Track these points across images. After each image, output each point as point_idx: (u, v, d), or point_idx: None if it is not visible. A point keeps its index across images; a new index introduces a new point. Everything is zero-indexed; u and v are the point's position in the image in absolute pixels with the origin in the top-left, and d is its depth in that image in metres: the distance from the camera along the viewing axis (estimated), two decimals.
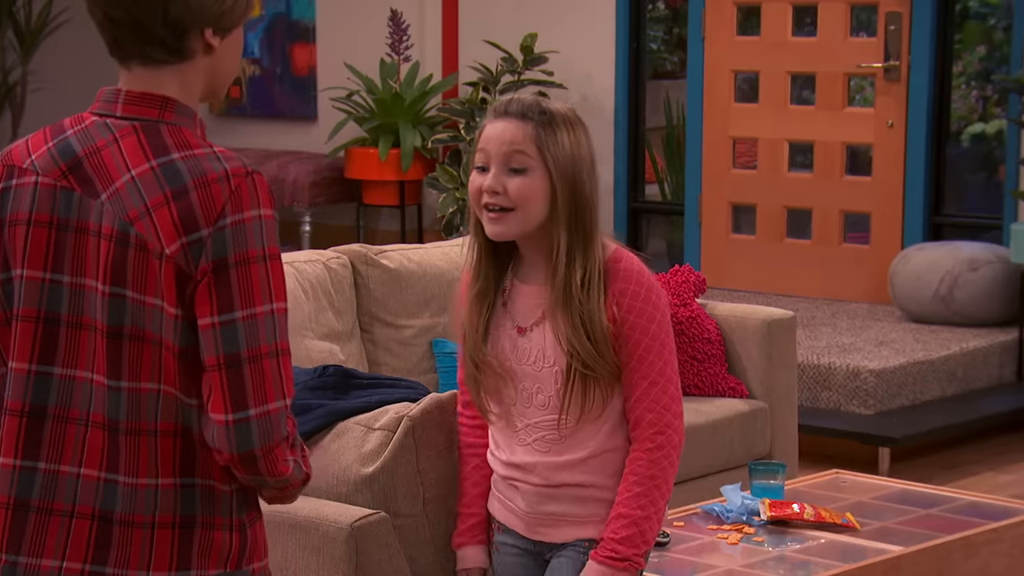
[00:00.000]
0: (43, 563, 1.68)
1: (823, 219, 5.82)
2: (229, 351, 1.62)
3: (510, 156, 2.14)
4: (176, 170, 1.64)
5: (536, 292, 2.19)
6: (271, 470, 1.65)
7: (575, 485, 2.22)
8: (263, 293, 1.63)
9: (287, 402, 1.65)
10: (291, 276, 3.38)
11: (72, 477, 1.68)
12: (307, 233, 6.61)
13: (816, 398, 4.79)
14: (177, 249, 1.62)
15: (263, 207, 1.64)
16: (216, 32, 1.70)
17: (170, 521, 1.66)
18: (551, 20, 6.23)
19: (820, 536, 2.86)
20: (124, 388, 1.65)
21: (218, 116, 7.16)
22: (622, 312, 2.15)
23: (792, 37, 5.86)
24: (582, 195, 2.16)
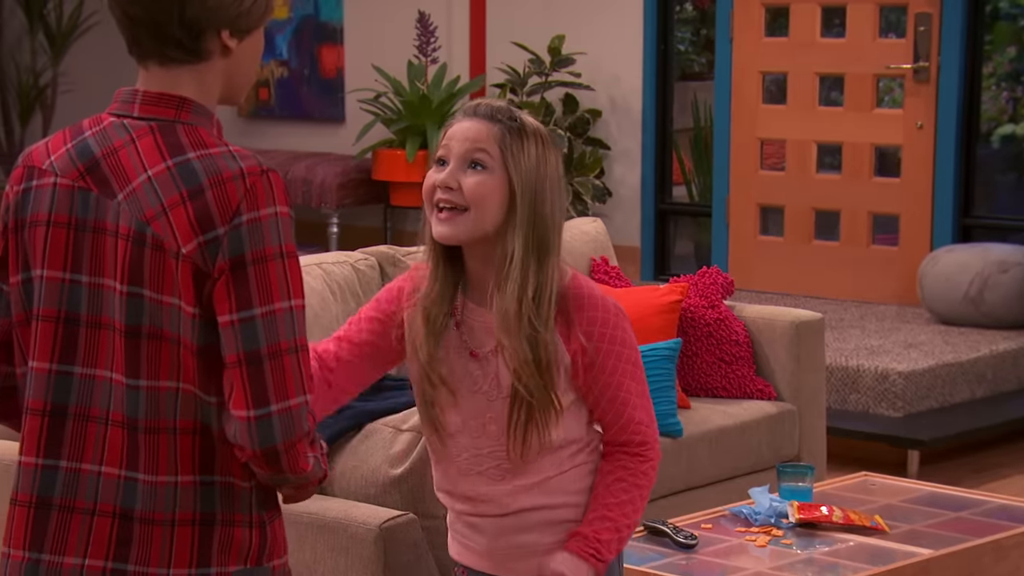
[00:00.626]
0: (65, 560, 1.69)
1: (851, 221, 5.80)
2: (249, 348, 1.62)
3: (471, 152, 2.01)
4: (192, 169, 1.65)
5: (489, 316, 2.04)
6: (292, 466, 1.65)
7: (537, 508, 2.08)
8: (281, 290, 1.64)
9: (307, 397, 1.65)
10: (319, 277, 3.39)
11: (93, 475, 1.69)
12: (334, 234, 6.62)
13: (844, 400, 4.77)
14: (194, 248, 1.63)
15: (279, 204, 1.65)
16: (234, 34, 1.70)
17: (190, 518, 1.67)
18: (579, 22, 6.23)
19: (849, 539, 2.85)
20: (143, 387, 1.67)
21: (247, 118, 7.18)
22: (594, 342, 2.03)
23: (820, 38, 5.84)
24: (542, 208, 2.02)
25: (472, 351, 2.05)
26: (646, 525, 2.86)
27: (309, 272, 3.40)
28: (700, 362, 3.77)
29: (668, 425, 3.53)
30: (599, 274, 3.94)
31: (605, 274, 3.94)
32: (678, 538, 2.79)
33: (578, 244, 3.95)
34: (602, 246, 4.01)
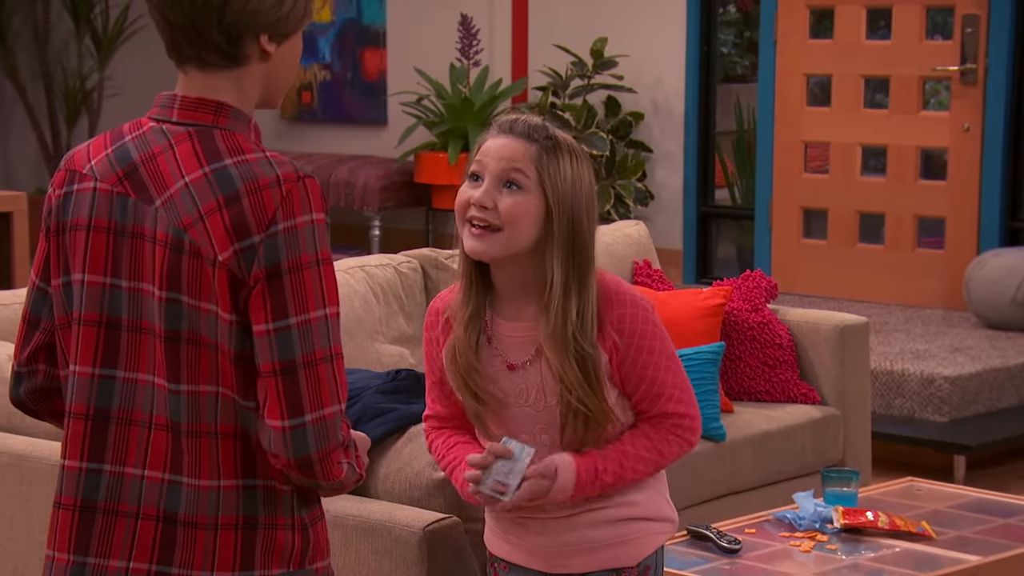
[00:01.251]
0: (110, 564, 1.70)
1: (896, 224, 5.75)
2: (284, 357, 1.62)
3: (507, 172, 2.01)
4: (228, 176, 1.65)
5: (523, 329, 2.06)
6: (326, 474, 1.66)
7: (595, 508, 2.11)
8: (317, 298, 1.63)
9: (342, 406, 1.65)
10: (362, 280, 3.39)
11: (137, 479, 1.70)
12: (376, 237, 6.64)
13: (889, 405, 4.73)
14: (230, 256, 1.63)
15: (315, 211, 1.64)
16: (272, 38, 1.70)
17: (233, 522, 1.68)
18: (621, 24, 6.21)
19: (895, 545, 2.82)
20: (184, 391, 1.67)
21: (289, 121, 7.22)
22: (625, 338, 2.04)
23: (866, 40, 5.80)
24: (580, 227, 2.02)
25: (509, 364, 2.07)
26: (689, 529, 2.85)
27: (352, 275, 3.41)
28: (743, 366, 3.75)
29: (711, 429, 3.51)
30: (641, 277, 3.93)
31: (648, 277, 3.93)
32: (722, 543, 2.77)
33: (620, 247, 3.94)
34: (644, 249, 4.00)
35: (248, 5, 1.67)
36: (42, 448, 2.70)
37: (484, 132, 2.07)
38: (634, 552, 2.14)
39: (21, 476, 2.72)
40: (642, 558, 2.15)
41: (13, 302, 3.07)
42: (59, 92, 7.01)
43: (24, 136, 7.07)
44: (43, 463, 2.67)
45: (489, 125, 2.08)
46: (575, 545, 2.12)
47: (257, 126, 1.73)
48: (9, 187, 6.77)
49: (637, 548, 2.14)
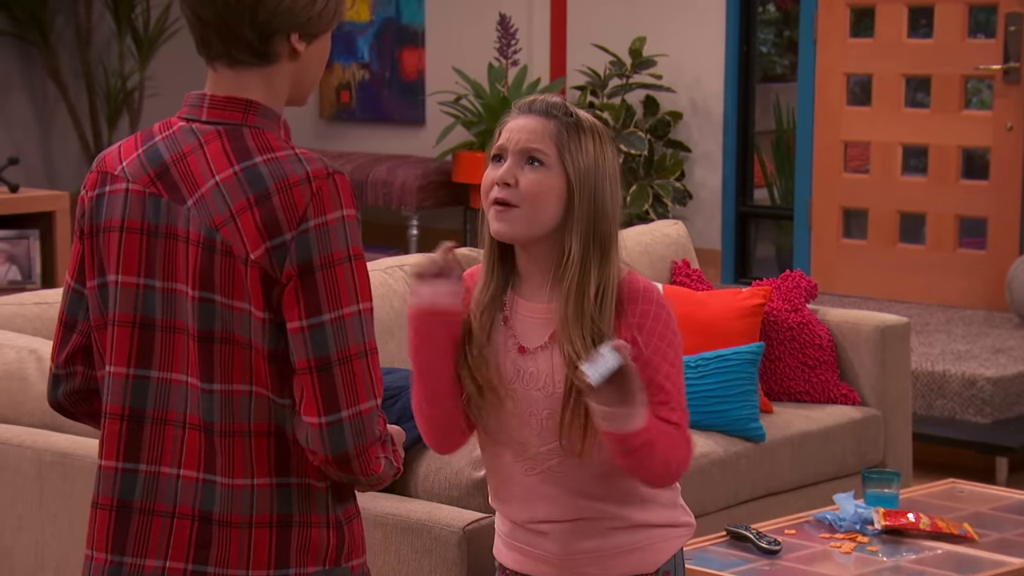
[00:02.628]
0: (147, 563, 1.71)
1: (938, 224, 5.71)
2: (319, 354, 1.62)
3: (527, 150, 2.00)
4: (259, 174, 1.65)
5: (541, 311, 2.03)
6: (364, 469, 1.65)
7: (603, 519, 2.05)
8: (350, 294, 1.63)
9: (378, 401, 1.65)
10: (401, 279, 3.40)
11: (172, 478, 1.70)
12: (414, 236, 6.66)
13: (930, 406, 4.70)
14: (262, 254, 1.63)
15: (345, 207, 1.64)
16: (303, 37, 1.70)
17: (267, 520, 1.68)
18: (660, 23, 6.20)
19: (936, 547, 2.80)
20: (217, 391, 1.67)
21: (328, 120, 7.24)
22: (643, 335, 2.01)
23: (907, 39, 5.76)
24: (602, 204, 2.00)
25: (520, 346, 2.04)
26: (728, 530, 2.84)
27: (391, 274, 3.42)
28: (783, 366, 3.73)
29: (750, 430, 3.50)
30: (680, 277, 3.92)
31: (687, 277, 3.92)
32: (761, 543, 2.76)
33: (659, 247, 3.93)
34: (683, 249, 3.99)
35: (281, 4, 1.67)
36: (85, 446, 2.72)
37: (504, 115, 2.07)
38: (651, 558, 2.09)
39: (64, 474, 2.74)
40: (660, 564, 2.10)
41: (56, 301, 3.10)
42: (100, 92, 7.07)
43: (66, 136, 7.13)
44: (86, 461, 2.70)
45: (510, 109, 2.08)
46: (590, 553, 2.07)
47: (287, 123, 1.73)
48: (51, 187, 6.83)
49: (655, 554, 2.10)
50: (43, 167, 7.13)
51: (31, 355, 2.84)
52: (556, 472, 2.04)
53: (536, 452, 2.04)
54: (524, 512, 2.08)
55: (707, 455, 3.36)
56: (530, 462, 2.05)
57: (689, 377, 3.49)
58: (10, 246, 4.86)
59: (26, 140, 7.04)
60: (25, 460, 2.78)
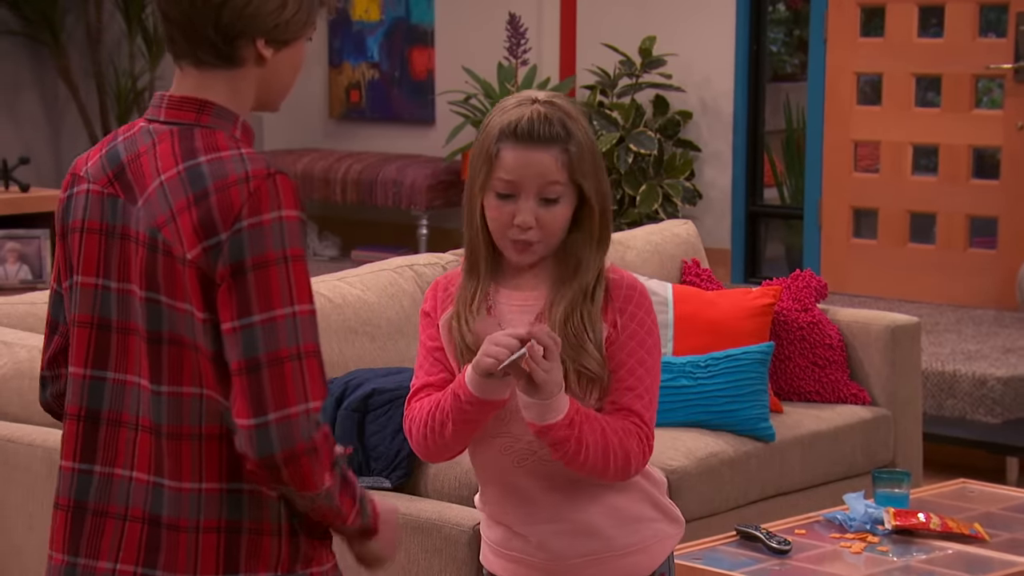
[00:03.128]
0: (99, 565, 1.70)
1: (948, 223, 5.70)
2: (248, 355, 1.60)
3: (543, 188, 1.99)
4: (200, 173, 1.64)
5: (524, 298, 2.03)
6: (296, 479, 1.61)
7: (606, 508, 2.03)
8: (283, 296, 1.61)
9: (310, 406, 1.61)
10: (411, 279, 3.40)
11: (125, 480, 1.69)
12: (424, 236, 6.66)
13: (941, 406, 4.69)
14: (198, 254, 1.62)
15: (284, 208, 1.62)
16: (269, 43, 1.68)
17: (215, 525, 1.66)
18: (670, 23, 6.19)
19: (947, 547, 2.79)
20: (165, 392, 1.66)
21: (337, 120, 7.25)
22: (623, 319, 2.01)
23: (917, 38, 5.75)
24: (607, 203, 2.03)
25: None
26: (738, 530, 2.83)
27: (400, 274, 3.42)
28: (793, 366, 3.73)
29: (760, 429, 3.50)
30: (690, 276, 3.92)
31: (696, 276, 3.91)
32: (771, 543, 2.76)
33: (669, 246, 3.93)
34: (693, 248, 3.99)
35: (247, 8, 1.66)
36: None
37: (497, 138, 1.99)
38: (647, 562, 2.07)
39: None
40: (656, 567, 2.08)
41: None
42: (111, 92, 7.08)
43: (76, 136, 7.14)
44: None
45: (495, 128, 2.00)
46: (585, 557, 2.05)
47: (247, 125, 1.70)
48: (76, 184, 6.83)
49: (650, 558, 2.07)
50: (54, 167, 7.14)
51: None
52: (546, 463, 2.02)
53: (527, 442, 2.02)
54: (514, 510, 2.06)
55: (717, 455, 3.36)
56: (519, 454, 2.03)
57: (699, 377, 3.49)
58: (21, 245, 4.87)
59: (37, 140, 7.06)
60: (36, 459, 2.78)
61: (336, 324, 3.24)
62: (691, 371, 3.48)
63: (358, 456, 2.74)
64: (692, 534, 3.05)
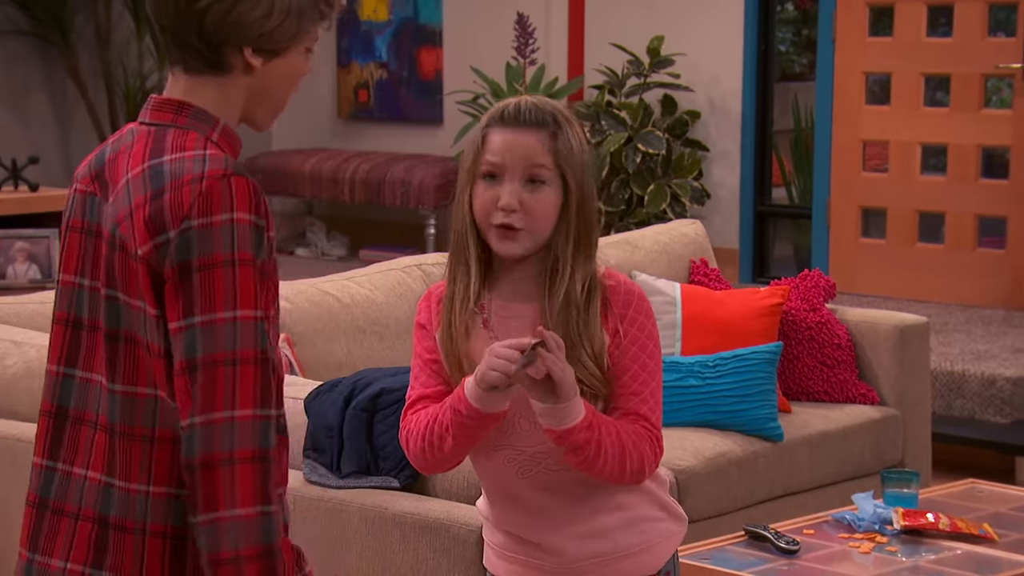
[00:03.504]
0: (52, 563, 1.69)
1: (957, 223, 5.69)
2: (188, 356, 1.58)
3: (529, 169, 1.96)
4: (160, 172, 1.64)
5: (525, 310, 1.99)
6: (205, 489, 1.56)
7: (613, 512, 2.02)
8: (226, 299, 1.59)
9: (235, 414, 1.57)
10: (419, 279, 3.40)
11: (81, 479, 1.68)
12: (432, 236, 6.66)
13: (950, 406, 4.68)
14: (149, 250, 1.61)
15: (237, 211, 1.60)
16: (257, 52, 1.68)
17: (161, 530, 1.63)
18: (678, 22, 6.19)
19: (956, 547, 2.79)
20: (118, 391, 1.65)
21: (346, 120, 7.25)
22: (624, 325, 1.98)
23: (926, 38, 5.74)
24: (591, 206, 1.98)
25: None
26: (747, 530, 2.83)
27: (409, 273, 3.42)
28: (801, 366, 3.72)
29: (768, 429, 3.49)
30: (698, 276, 3.91)
31: (705, 276, 3.91)
32: (780, 543, 2.76)
33: (677, 246, 3.92)
34: (701, 248, 3.98)
35: (228, 16, 1.65)
36: None
37: (485, 124, 1.99)
38: (651, 561, 2.07)
39: None
40: (661, 566, 2.08)
41: None
42: (120, 91, 7.09)
43: (85, 135, 7.16)
44: None
45: (485, 117, 2.00)
46: (590, 560, 2.04)
47: (228, 129, 1.68)
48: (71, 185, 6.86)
49: (654, 557, 2.07)
50: (63, 166, 7.15)
51: None
52: (551, 472, 2.02)
53: (531, 454, 2.02)
54: (519, 519, 2.05)
55: (725, 455, 3.36)
56: (524, 465, 2.02)
57: (707, 376, 3.48)
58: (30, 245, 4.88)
59: (46, 139, 7.07)
60: None
61: (344, 324, 3.24)
62: (699, 371, 3.48)
63: (367, 456, 2.74)
64: (700, 534, 3.05)
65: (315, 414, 2.79)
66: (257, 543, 1.57)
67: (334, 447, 2.75)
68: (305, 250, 7.05)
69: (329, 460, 2.75)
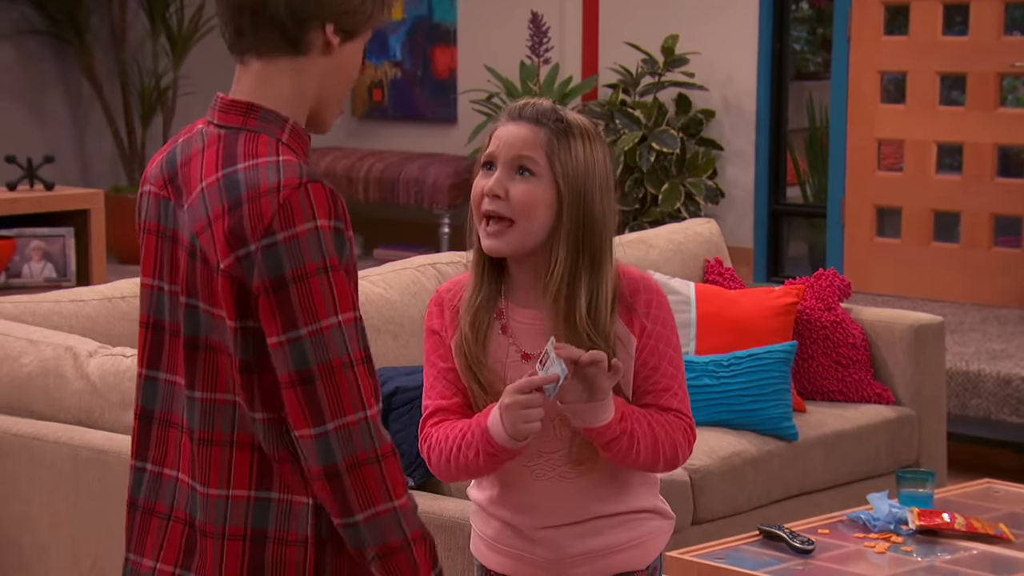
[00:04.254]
0: (143, 562, 1.72)
1: (972, 222, 5.68)
2: (299, 368, 1.60)
3: (517, 159, 1.97)
4: (236, 181, 1.63)
5: (539, 317, 2.00)
6: (357, 489, 1.60)
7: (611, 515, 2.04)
8: (327, 307, 1.60)
9: (368, 413, 1.61)
10: (433, 277, 3.41)
11: (172, 480, 1.71)
12: (446, 235, 6.67)
13: (965, 405, 4.67)
14: (231, 263, 1.61)
15: (319, 218, 1.60)
16: (337, 30, 1.68)
17: (240, 533, 1.66)
18: (693, 21, 6.18)
19: (972, 547, 2.78)
20: (197, 398, 1.67)
21: (360, 119, 7.26)
22: (650, 323, 2.00)
23: (942, 36, 5.73)
24: (591, 212, 1.96)
25: (524, 354, 2.01)
26: (761, 529, 2.83)
27: (423, 272, 3.42)
28: (816, 365, 3.72)
29: (783, 429, 3.49)
30: (713, 275, 3.91)
31: (719, 275, 3.91)
32: (794, 543, 2.75)
33: (692, 245, 3.92)
34: (716, 247, 3.98)
35: None
36: (120, 443, 2.73)
37: (495, 120, 2.05)
38: (641, 556, 2.09)
39: (100, 471, 2.76)
40: (651, 560, 2.10)
41: (91, 298, 3.12)
42: (135, 90, 7.11)
43: (100, 134, 7.18)
44: (121, 458, 2.71)
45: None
46: (585, 555, 2.05)
47: (297, 128, 1.68)
48: (86, 185, 6.87)
49: (644, 552, 2.09)
50: (78, 165, 7.18)
51: (67, 352, 2.86)
52: (567, 477, 2.03)
53: (549, 457, 2.03)
54: (527, 518, 2.05)
55: (740, 454, 3.35)
56: (539, 469, 2.04)
57: (722, 376, 3.48)
58: (46, 244, 4.90)
59: (61, 138, 7.09)
60: (61, 456, 2.80)
61: None
62: (714, 370, 3.47)
63: None
64: (715, 533, 3.04)
65: None
66: (417, 526, 1.65)
67: None
68: None
69: None
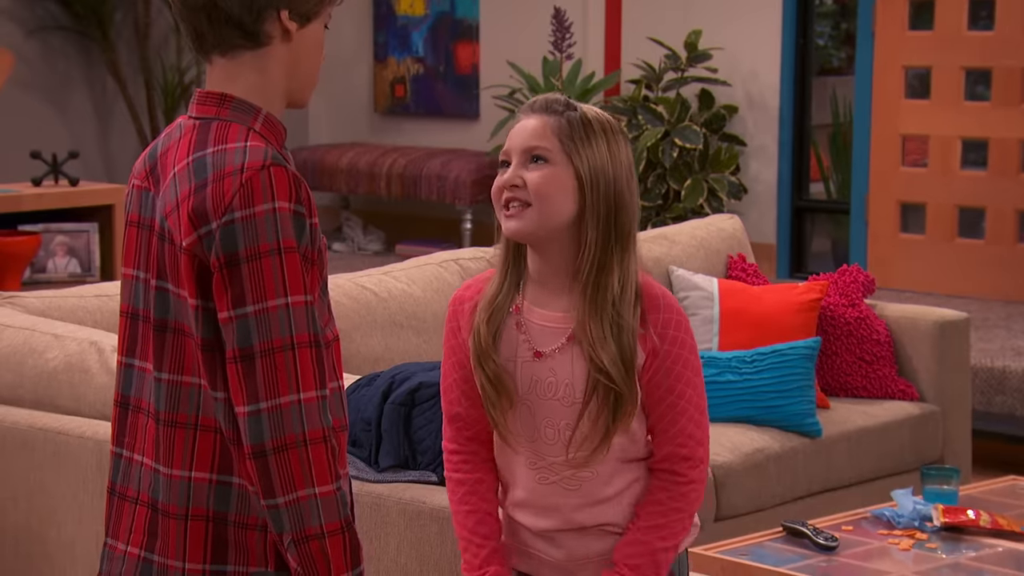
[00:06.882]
0: (117, 545, 1.76)
1: (997, 218, 5.64)
2: (242, 345, 1.63)
3: (530, 149, 1.98)
4: (204, 164, 1.67)
5: (556, 319, 1.99)
6: (283, 473, 1.61)
7: (611, 524, 2.04)
8: (276, 287, 1.63)
9: (301, 396, 1.62)
10: (456, 273, 3.41)
11: (139, 465, 1.74)
12: (468, 231, 6.67)
13: (990, 402, 4.65)
14: (193, 241, 1.65)
15: (278, 200, 1.63)
16: (292, 16, 1.70)
17: (203, 514, 1.68)
18: (716, 16, 6.17)
19: (997, 544, 2.77)
20: (164, 380, 1.70)
21: (382, 114, 7.27)
22: (665, 344, 1.97)
23: (967, 31, 5.69)
24: (620, 194, 1.96)
25: (536, 351, 2.01)
26: (785, 526, 2.82)
27: (446, 268, 3.43)
28: (840, 361, 3.71)
29: (807, 425, 3.48)
30: (736, 271, 3.90)
31: (742, 271, 3.90)
32: (818, 539, 2.74)
33: (715, 241, 3.91)
34: (739, 243, 3.97)
35: None
36: None
37: (512, 120, 2.08)
38: None
39: None
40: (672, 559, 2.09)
41: (116, 293, 3.13)
42: (158, 86, 7.13)
43: (124, 129, 7.21)
44: None
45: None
46: (599, 557, 2.05)
47: (271, 118, 1.72)
48: (110, 180, 6.90)
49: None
50: (102, 161, 7.21)
51: (92, 347, 2.87)
52: (572, 482, 2.02)
53: (552, 461, 2.03)
54: (535, 519, 2.05)
55: (763, 450, 3.35)
56: (545, 471, 2.03)
57: (745, 372, 3.47)
58: (70, 239, 4.92)
59: (85, 134, 7.12)
60: (86, 451, 2.81)
61: (382, 318, 3.25)
62: (737, 366, 3.46)
63: (404, 450, 2.74)
64: (738, 530, 3.04)
65: (353, 408, 2.80)
66: (337, 518, 1.64)
67: (372, 441, 2.76)
68: (342, 245, 7.07)
69: (367, 454, 2.76)
